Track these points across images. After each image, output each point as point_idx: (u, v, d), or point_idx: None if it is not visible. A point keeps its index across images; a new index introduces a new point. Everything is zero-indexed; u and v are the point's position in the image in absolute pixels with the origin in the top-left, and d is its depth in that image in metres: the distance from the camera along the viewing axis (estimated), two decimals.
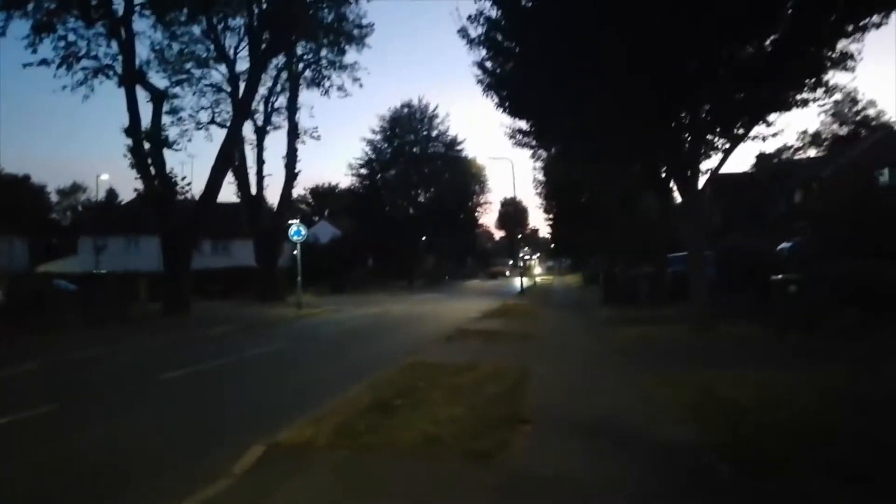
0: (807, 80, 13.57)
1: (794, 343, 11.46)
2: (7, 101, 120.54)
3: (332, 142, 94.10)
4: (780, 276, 13.69)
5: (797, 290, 13.02)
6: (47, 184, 79.85)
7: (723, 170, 16.38)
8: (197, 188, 26.70)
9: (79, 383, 10.72)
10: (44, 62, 23.42)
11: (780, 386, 7.52)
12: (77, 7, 23.12)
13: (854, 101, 53.08)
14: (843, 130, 54.16)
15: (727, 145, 15.77)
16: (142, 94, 24.59)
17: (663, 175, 21.30)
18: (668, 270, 22.05)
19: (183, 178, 25.55)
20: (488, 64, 16.17)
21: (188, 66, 30.40)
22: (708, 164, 16.70)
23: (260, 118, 33.81)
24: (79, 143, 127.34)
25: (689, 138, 14.92)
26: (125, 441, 6.78)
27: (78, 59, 24.00)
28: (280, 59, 31.99)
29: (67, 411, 8.28)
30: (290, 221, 29.34)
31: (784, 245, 23.59)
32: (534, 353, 11.56)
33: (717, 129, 15.58)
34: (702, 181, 15.47)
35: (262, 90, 32.11)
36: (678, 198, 23.84)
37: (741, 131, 14.98)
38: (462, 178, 62.26)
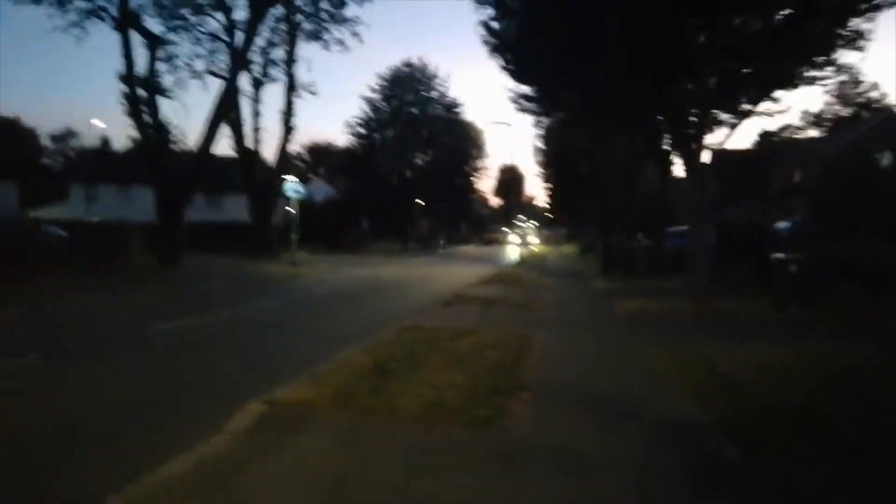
0: (816, 58, 13.31)
1: (795, 319, 11.46)
2: None
3: (331, 100, 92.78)
4: (781, 255, 13.61)
5: (798, 269, 12.97)
6: (39, 128, 78.61)
7: (723, 145, 16.21)
8: (192, 141, 26.15)
9: (66, 334, 10.53)
10: (36, 0, 22.70)
11: (782, 362, 7.50)
12: None
13: (857, 83, 52.66)
14: (846, 111, 53.77)
15: (733, 120, 15.54)
16: (137, 40, 23.99)
17: (666, 147, 21.08)
18: (666, 244, 21.96)
19: (177, 127, 25.10)
20: (494, 24, 15.78)
21: (184, 11, 29.48)
22: (712, 139, 16.50)
23: (257, 70, 33.01)
24: (72, 88, 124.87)
25: (694, 111, 14.66)
26: (110, 395, 6.59)
27: None
28: (279, 10, 31.14)
29: (50, 362, 8.04)
30: (285, 178, 28.86)
31: (783, 224, 23.50)
32: (533, 322, 11.46)
33: (723, 104, 15.33)
34: (705, 155, 15.29)
35: (260, 41, 31.29)
36: (679, 171, 23.76)
37: (747, 107, 14.74)
38: (460, 142, 61.61)
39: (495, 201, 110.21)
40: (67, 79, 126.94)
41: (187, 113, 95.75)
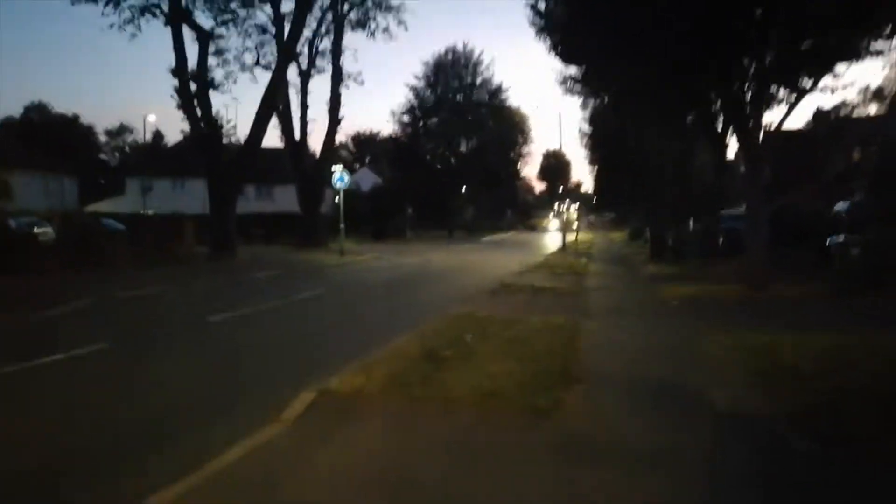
0: (882, 28, 12.62)
1: (854, 305, 11.03)
2: (55, 41, 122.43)
3: (376, 88, 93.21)
4: (840, 238, 13.09)
5: (859, 252, 12.47)
6: (96, 124, 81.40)
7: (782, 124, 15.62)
8: (242, 132, 26.68)
9: (129, 323, 10.89)
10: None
11: (845, 349, 7.19)
12: None
13: None
14: None
15: (792, 97, 14.95)
16: (188, 35, 24.50)
17: (720, 128, 20.44)
18: (720, 227, 21.39)
19: (229, 122, 25.54)
20: (542, 5, 15.54)
21: (233, 5, 29.94)
22: (770, 118, 15.94)
23: (304, 61, 33.38)
24: (126, 84, 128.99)
25: (752, 88, 14.15)
26: (174, 384, 6.81)
27: None
28: (325, 0, 31.36)
29: (118, 351, 8.38)
30: (333, 168, 29.19)
31: (841, 205, 22.62)
32: (582, 309, 11.31)
33: (782, 79, 14.75)
34: (762, 135, 14.77)
35: (307, 32, 31.58)
36: (731, 154, 23.10)
37: (808, 83, 14.15)
38: (505, 128, 61.07)
39: (540, 187, 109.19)
40: (121, 75, 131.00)
41: (237, 105, 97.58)
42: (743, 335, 8.03)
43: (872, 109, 50.11)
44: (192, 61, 24.27)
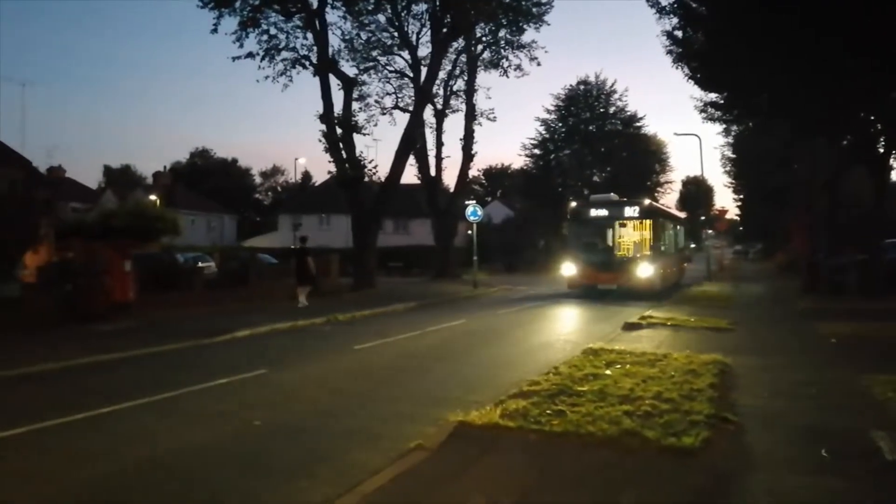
0: None
1: None
2: (217, 92, 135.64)
3: (507, 121, 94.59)
4: None
5: None
6: (252, 167, 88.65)
7: None
8: (382, 170, 28.12)
9: (283, 350, 11.76)
10: (250, 55, 25.77)
11: None
12: (277, 2, 25.15)
13: None
14: None
15: None
16: (333, 82, 26.34)
17: (881, 150, 18.81)
18: (883, 258, 19.48)
19: (371, 161, 26.88)
20: (678, 34, 15.25)
21: (374, 53, 32.14)
22: None
23: (439, 102, 34.80)
24: (279, 129, 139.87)
25: None
26: (324, 406, 7.31)
27: (279, 51, 26.16)
28: (460, 43, 32.57)
29: (275, 374, 9.17)
30: (466, 202, 29.94)
31: None
32: (728, 345, 10.74)
33: None
34: None
35: (442, 74, 32.94)
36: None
37: None
38: (641, 157, 59.31)
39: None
40: (275, 122, 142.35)
41: (377, 145, 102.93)
42: None
43: None
44: (337, 107, 26.07)
